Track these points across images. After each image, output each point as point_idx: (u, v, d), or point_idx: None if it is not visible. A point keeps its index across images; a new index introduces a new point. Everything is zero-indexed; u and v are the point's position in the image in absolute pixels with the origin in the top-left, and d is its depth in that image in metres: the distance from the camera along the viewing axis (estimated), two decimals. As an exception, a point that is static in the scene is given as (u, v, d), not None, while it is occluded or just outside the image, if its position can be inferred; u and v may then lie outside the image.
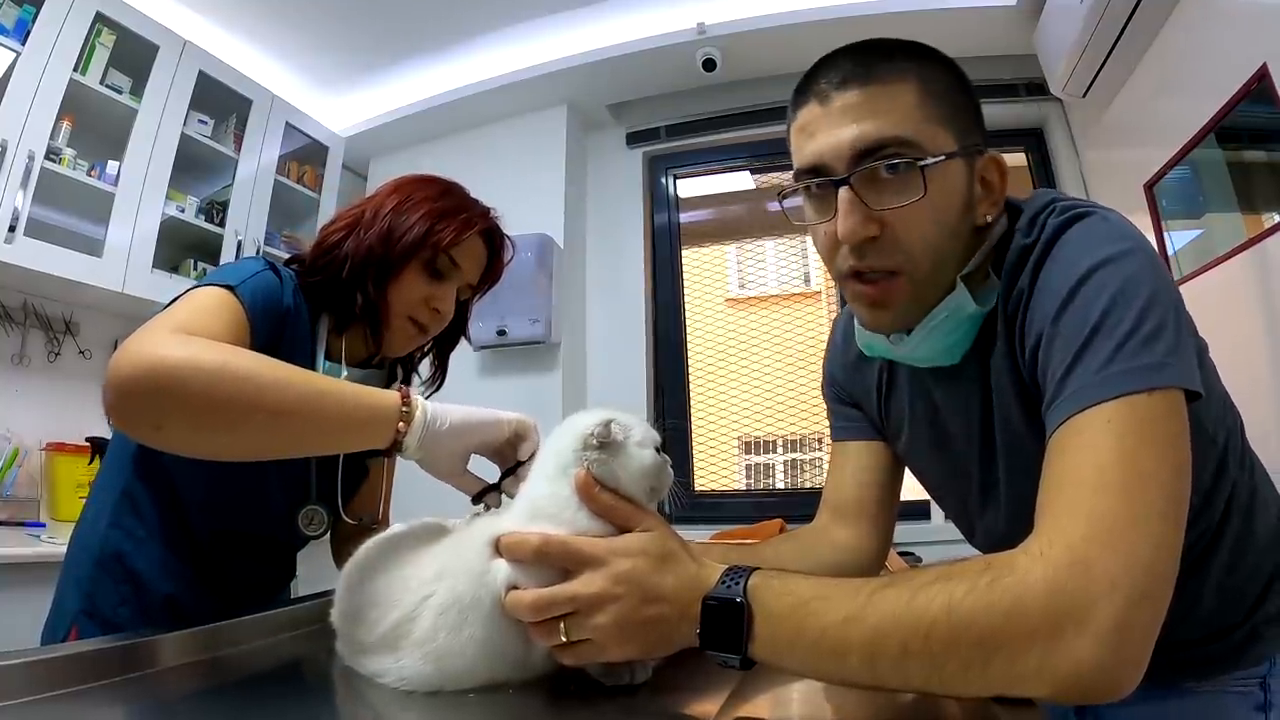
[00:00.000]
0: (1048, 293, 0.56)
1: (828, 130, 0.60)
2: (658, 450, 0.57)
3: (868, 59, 0.60)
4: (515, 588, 0.53)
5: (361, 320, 0.87)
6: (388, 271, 0.86)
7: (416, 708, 0.54)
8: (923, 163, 0.57)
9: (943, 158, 0.59)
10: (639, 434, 0.56)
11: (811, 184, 0.62)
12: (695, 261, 2.86)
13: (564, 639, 0.51)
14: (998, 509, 0.70)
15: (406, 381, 1.03)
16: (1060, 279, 0.56)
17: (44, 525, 1.94)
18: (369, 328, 0.88)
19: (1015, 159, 2.56)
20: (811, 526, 0.85)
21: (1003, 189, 0.64)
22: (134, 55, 2.15)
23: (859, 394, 0.84)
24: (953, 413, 0.71)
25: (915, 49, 0.62)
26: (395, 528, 0.67)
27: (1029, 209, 0.63)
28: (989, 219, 0.64)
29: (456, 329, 1.01)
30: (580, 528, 0.53)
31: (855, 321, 0.72)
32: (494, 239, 0.96)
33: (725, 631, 0.48)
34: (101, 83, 2.08)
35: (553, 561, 0.52)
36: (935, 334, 0.65)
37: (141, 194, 2.13)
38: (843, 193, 0.59)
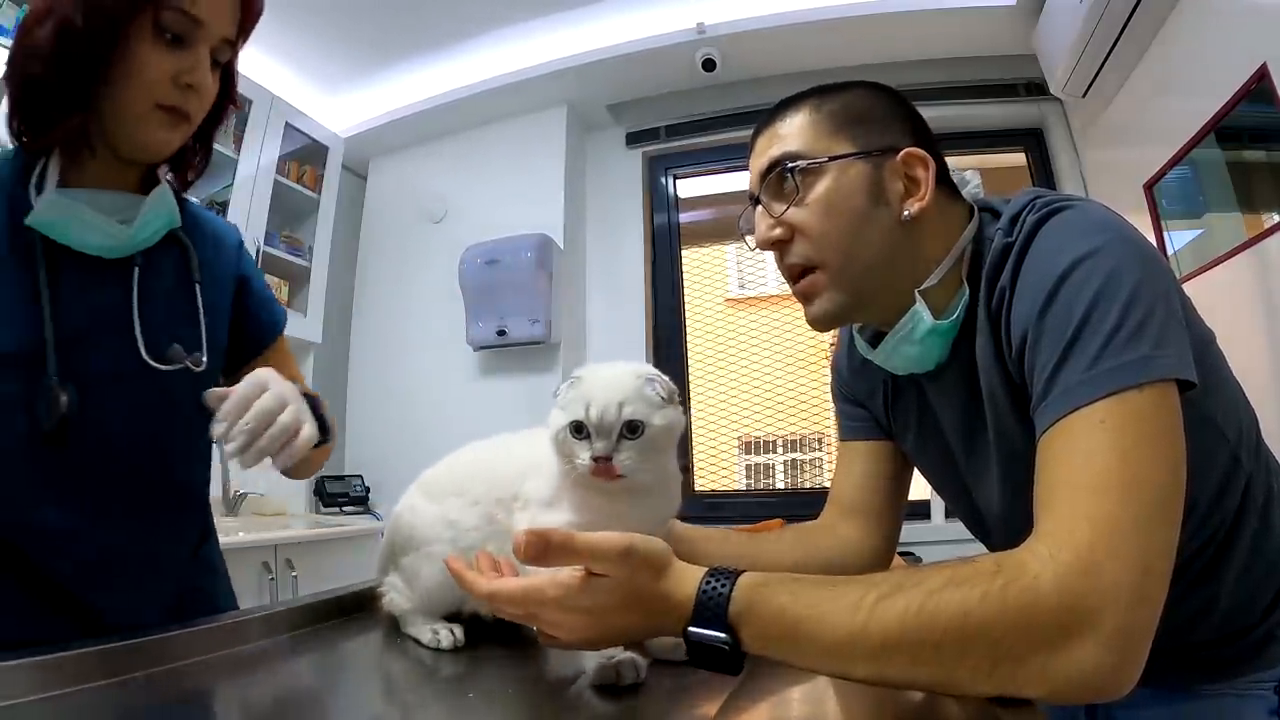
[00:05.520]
0: (1030, 290, 0.57)
1: (750, 170, 0.72)
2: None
3: (773, 110, 0.71)
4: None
5: (79, 127, 0.69)
6: (102, 46, 0.66)
7: (416, 708, 0.54)
8: (794, 165, 0.66)
9: (825, 159, 0.65)
10: None
11: (745, 211, 0.74)
12: (695, 261, 2.86)
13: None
14: (996, 507, 0.70)
15: (184, 182, 0.83)
16: (1042, 276, 0.56)
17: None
18: (90, 131, 0.70)
19: (1015, 159, 2.56)
20: (817, 522, 0.85)
21: (929, 182, 0.65)
22: (134, 55, 2.14)
23: (865, 394, 0.84)
24: (945, 412, 0.72)
25: (820, 88, 0.71)
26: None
27: (1010, 209, 0.63)
28: (909, 213, 0.65)
29: (223, 99, 0.79)
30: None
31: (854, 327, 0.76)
32: None
33: (716, 663, 0.47)
34: (101, 83, 2.07)
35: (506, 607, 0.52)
36: (901, 345, 0.68)
37: (141, 194, 2.13)
38: (757, 208, 0.70)
